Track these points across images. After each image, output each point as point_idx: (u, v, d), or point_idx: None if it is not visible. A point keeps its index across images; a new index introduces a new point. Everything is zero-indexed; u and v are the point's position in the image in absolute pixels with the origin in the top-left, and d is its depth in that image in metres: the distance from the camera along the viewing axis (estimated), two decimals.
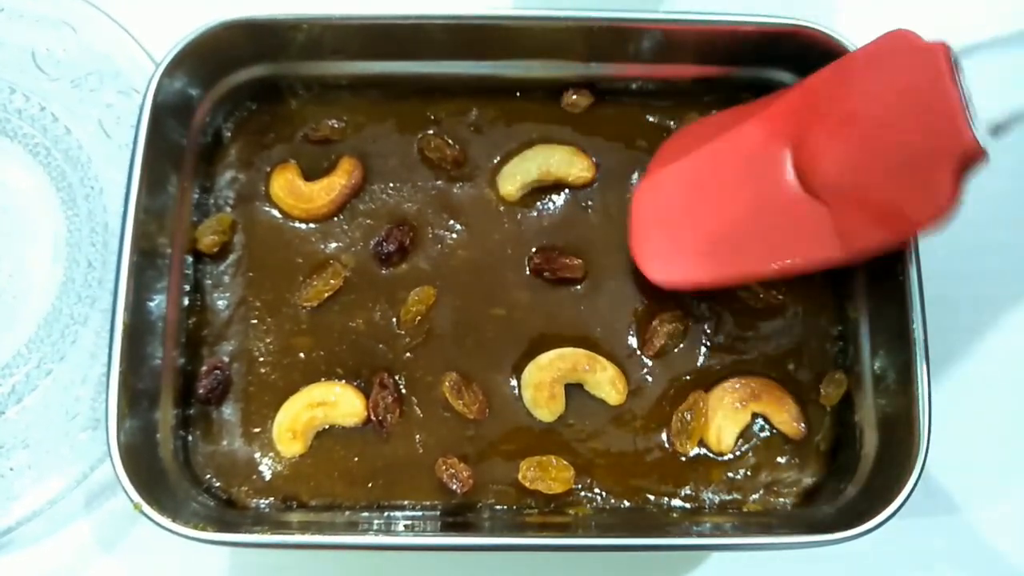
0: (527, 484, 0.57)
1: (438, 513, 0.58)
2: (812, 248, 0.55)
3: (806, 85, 0.57)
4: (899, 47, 0.52)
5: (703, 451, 0.59)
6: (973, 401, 0.64)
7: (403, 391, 0.60)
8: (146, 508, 0.51)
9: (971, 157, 0.49)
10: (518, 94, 0.64)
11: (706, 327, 0.61)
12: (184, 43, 0.57)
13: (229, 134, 0.64)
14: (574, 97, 0.63)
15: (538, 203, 0.63)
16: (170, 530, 0.51)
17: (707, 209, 0.58)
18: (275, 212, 0.63)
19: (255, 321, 0.61)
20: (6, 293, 0.65)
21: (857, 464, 0.57)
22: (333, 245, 0.62)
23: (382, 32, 0.60)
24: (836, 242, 0.54)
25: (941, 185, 0.49)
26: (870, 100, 0.52)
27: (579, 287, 0.61)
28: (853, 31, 0.58)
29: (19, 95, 0.67)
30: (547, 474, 0.57)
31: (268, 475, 0.59)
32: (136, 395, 0.55)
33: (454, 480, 0.57)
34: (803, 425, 0.59)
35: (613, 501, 0.58)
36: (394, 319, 0.61)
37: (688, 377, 0.60)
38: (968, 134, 0.48)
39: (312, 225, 0.62)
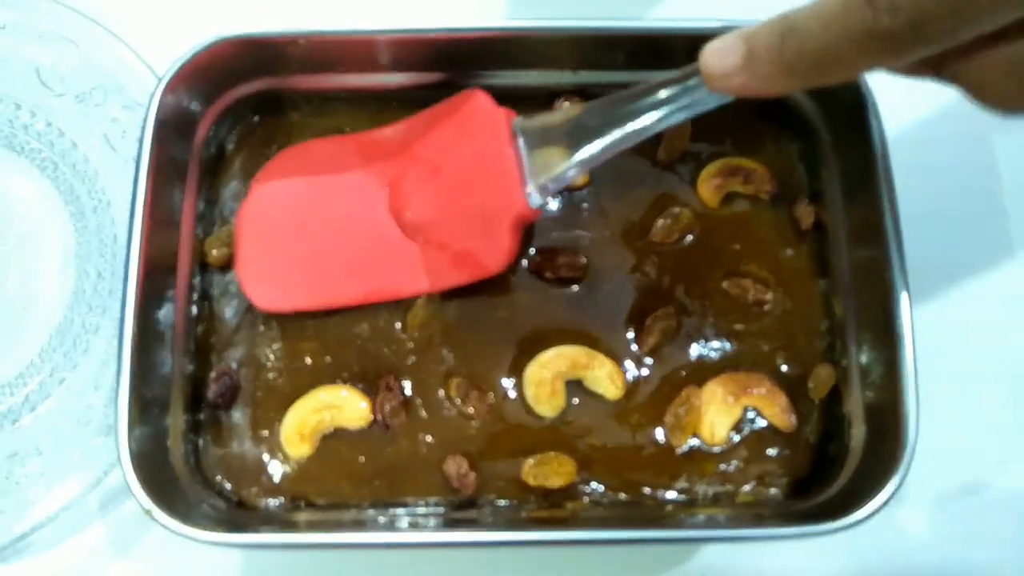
0: (530, 481, 0.58)
1: (442, 510, 0.59)
2: (402, 282, 0.60)
3: (408, 124, 0.62)
4: (475, 107, 0.58)
5: (697, 444, 0.60)
6: (960, 392, 0.64)
7: (408, 393, 0.61)
8: (157, 514, 0.52)
9: (525, 217, 0.56)
10: (511, 103, 0.64)
11: (698, 324, 0.62)
12: (184, 59, 0.58)
13: (232, 147, 0.65)
14: (566, 104, 0.64)
15: None
16: (182, 534, 0.52)
17: (311, 236, 0.61)
18: None
19: (262, 328, 0.62)
20: (17, 304, 0.66)
21: (846, 456, 0.58)
22: None
23: (377, 46, 0.61)
24: (424, 278, 0.60)
25: (502, 239, 0.57)
26: (450, 156, 0.58)
27: (577, 287, 0.62)
28: None
29: (25, 111, 0.68)
30: (550, 468, 0.58)
31: (277, 476, 0.60)
32: (146, 403, 0.56)
33: (458, 478, 0.58)
34: (794, 417, 0.60)
35: (610, 495, 0.59)
36: (398, 323, 0.61)
37: (682, 373, 0.61)
38: (521, 199, 0.55)
39: None
